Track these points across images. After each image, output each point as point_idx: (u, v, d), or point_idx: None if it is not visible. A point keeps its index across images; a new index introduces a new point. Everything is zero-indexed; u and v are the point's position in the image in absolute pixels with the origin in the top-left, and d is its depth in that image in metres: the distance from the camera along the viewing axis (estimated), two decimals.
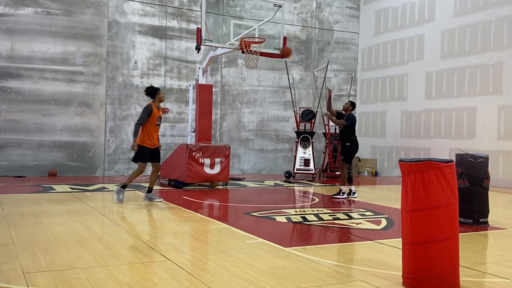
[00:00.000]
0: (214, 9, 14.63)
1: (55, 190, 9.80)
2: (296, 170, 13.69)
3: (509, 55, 12.24)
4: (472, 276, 4.33)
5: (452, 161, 3.96)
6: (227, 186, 11.18)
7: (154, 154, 8.33)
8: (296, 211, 7.90)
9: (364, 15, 17.07)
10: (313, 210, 8.01)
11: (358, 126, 17.19)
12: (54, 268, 4.22)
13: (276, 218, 7.16)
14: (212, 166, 10.73)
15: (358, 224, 6.87)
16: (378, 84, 16.37)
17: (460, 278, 3.97)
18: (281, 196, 10.17)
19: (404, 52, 15.37)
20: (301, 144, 13.86)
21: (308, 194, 10.65)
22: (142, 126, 8.09)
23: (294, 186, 11.98)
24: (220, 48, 11.15)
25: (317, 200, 9.52)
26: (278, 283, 3.94)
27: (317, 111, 14.65)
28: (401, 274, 4.08)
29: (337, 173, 14.18)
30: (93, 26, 13.28)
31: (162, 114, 8.36)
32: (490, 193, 7.06)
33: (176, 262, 4.53)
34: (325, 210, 8.05)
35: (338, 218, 7.25)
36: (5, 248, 4.90)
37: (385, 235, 6.20)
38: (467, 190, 6.76)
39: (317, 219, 7.11)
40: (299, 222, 6.90)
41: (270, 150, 15.72)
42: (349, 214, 7.70)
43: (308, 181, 13.27)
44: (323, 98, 15.55)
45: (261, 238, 5.69)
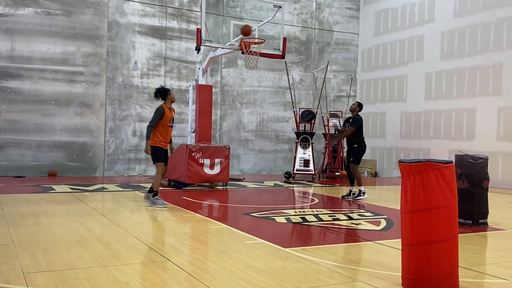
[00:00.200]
0: (214, 9, 14.64)
1: (55, 190, 9.80)
2: (295, 170, 13.70)
3: (508, 56, 12.25)
4: (471, 277, 4.33)
5: (451, 162, 3.96)
6: (227, 187, 11.18)
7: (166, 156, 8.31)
8: (295, 212, 7.90)
9: (364, 16, 17.08)
10: (312, 211, 8.01)
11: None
12: (53, 268, 4.22)
13: (275, 218, 7.16)
14: (212, 166, 10.73)
15: (357, 224, 6.88)
16: (378, 85, 16.38)
17: (459, 279, 3.97)
18: (280, 196, 10.18)
19: (403, 53, 15.38)
20: (300, 144, 13.86)
21: (307, 195, 10.65)
22: (154, 128, 8.01)
23: (293, 187, 11.98)
24: (220, 48, 11.15)
25: (316, 200, 9.53)
26: (278, 284, 3.95)
27: (316, 112, 14.66)
28: (400, 274, 4.09)
29: (336, 173, 14.19)
30: (93, 26, 13.28)
31: (174, 114, 8.33)
32: (489, 194, 7.07)
33: (175, 262, 4.53)
34: (324, 211, 8.05)
35: (338, 219, 7.25)
36: (4, 248, 4.91)
37: (384, 236, 6.20)
38: (467, 191, 6.76)
39: (316, 220, 7.12)
40: (299, 223, 6.90)
41: (270, 151, 15.73)
42: (348, 214, 7.71)
43: (307, 181, 13.28)
44: (323, 99, 15.56)
45: (260, 238, 5.70)
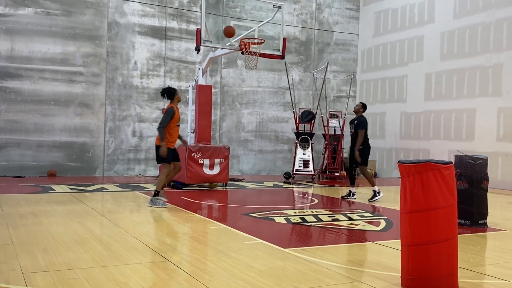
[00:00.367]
0: (214, 10, 14.64)
1: (55, 190, 9.80)
2: (295, 171, 13.70)
3: (508, 57, 12.26)
4: (470, 277, 4.33)
5: (451, 162, 3.96)
6: (227, 187, 11.18)
7: (175, 154, 8.35)
8: (295, 212, 7.90)
9: (363, 17, 17.08)
10: (312, 211, 8.01)
11: None
12: (53, 268, 4.22)
13: (275, 219, 7.17)
14: (211, 167, 10.73)
15: (357, 225, 6.88)
16: (378, 85, 16.39)
17: (458, 280, 3.98)
18: (280, 197, 10.18)
19: (403, 53, 15.39)
20: (300, 145, 13.86)
21: (307, 195, 10.65)
22: (167, 127, 8.08)
23: (293, 187, 11.98)
24: (219, 49, 11.15)
25: (316, 201, 9.53)
26: (277, 284, 3.95)
27: (316, 112, 14.67)
28: (399, 275, 4.09)
29: (336, 174, 14.19)
30: (93, 26, 13.28)
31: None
32: (489, 194, 7.07)
33: (175, 262, 4.53)
34: (324, 211, 8.05)
35: (337, 219, 7.25)
36: (4, 248, 4.91)
37: (384, 236, 6.20)
38: (466, 192, 6.76)
39: (316, 220, 7.12)
40: (298, 223, 6.90)
41: (269, 151, 15.73)
42: (348, 215, 7.71)
43: (307, 182, 13.28)
44: (323, 99, 15.56)
45: (260, 239, 5.70)
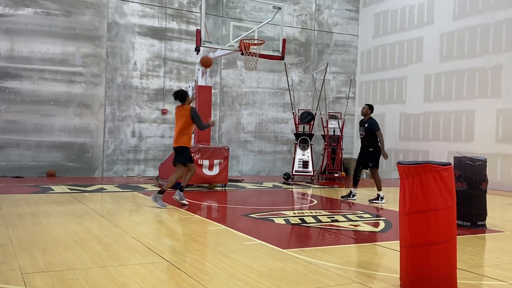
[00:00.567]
0: (214, 10, 14.65)
1: (54, 190, 9.80)
2: (294, 172, 13.70)
3: (507, 58, 12.27)
4: (469, 278, 4.34)
5: (450, 164, 3.97)
6: (226, 188, 11.18)
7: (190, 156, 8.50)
8: (294, 213, 7.91)
9: (363, 18, 17.09)
10: (311, 212, 8.01)
11: (356, 129, 17.24)
12: (52, 268, 4.22)
13: (274, 219, 7.17)
14: (210, 167, 10.73)
15: (356, 226, 6.88)
16: (377, 86, 16.40)
17: (457, 281, 3.98)
18: (279, 197, 10.18)
19: (403, 54, 15.40)
20: (300, 146, 13.87)
21: (306, 196, 10.65)
22: (188, 129, 8.15)
23: (292, 188, 11.99)
24: (219, 49, 11.16)
25: (315, 202, 9.53)
26: (276, 285, 3.95)
27: (316, 113, 14.68)
28: (399, 276, 4.09)
29: (335, 175, 14.20)
30: (92, 27, 13.29)
31: None
32: (488, 196, 7.08)
33: (174, 263, 4.53)
34: (323, 212, 8.06)
35: (337, 220, 7.26)
36: (3, 248, 4.90)
37: (383, 237, 6.21)
38: (465, 193, 6.77)
39: (315, 221, 7.12)
40: (298, 224, 6.90)
41: (269, 152, 15.73)
42: (347, 216, 7.71)
43: (306, 183, 13.28)
44: (322, 100, 15.56)
45: (259, 239, 5.70)
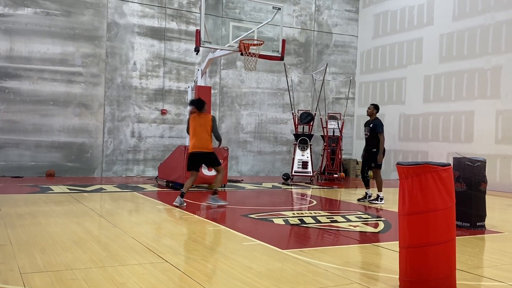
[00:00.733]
0: (213, 11, 14.65)
1: (53, 190, 9.79)
2: (294, 172, 13.70)
3: (507, 59, 12.28)
4: (468, 279, 4.34)
5: (449, 164, 3.97)
6: (225, 188, 11.18)
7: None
8: (293, 213, 7.91)
9: (363, 18, 17.10)
10: (310, 213, 8.01)
11: (356, 129, 17.27)
12: (51, 268, 4.22)
13: (273, 220, 7.17)
14: (210, 168, 10.71)
15: (355, 226, 6.88)
16: (377, 87, 16.40)
17: (457, 282, 3.98)
18: (279, 198, 10.18)
19: (402, 55, 15.41)
20: (299, 146, 13.87)
21: (305, 197, 10.65)
22: (210, 135, 8.37)
23: (292, 189, 11.98)
24: (219, 50, 11.15)
25: (314, 202, 9.53)
26: (275, 285, 3.95)
27: (315, 114, 14.68)
28: (398, 277, 4.09)
29: (335, 175, 14.20)
30: (92, 27, 13.28)
31: None
32: (487, 196, 7.08)
33: (173, 263, 4.53)
34: (322, 213, 8.06)
35: (336, 221, 7.26)
36: (2, 248, 4.90)
37: (382, 238, 6.21)
38: (465, 194, 6.77)
39: (314, 222, 7.12)
40: (297, 224, 6.90)
41: (268, 152, 15.73)
42: (346, 216, 7.71)
43: (306, 183, 13.28)
44: (322, 101, 15.56)
45: (258, 240, 5.70)
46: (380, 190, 9.46)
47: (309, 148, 13.84)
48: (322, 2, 16.64)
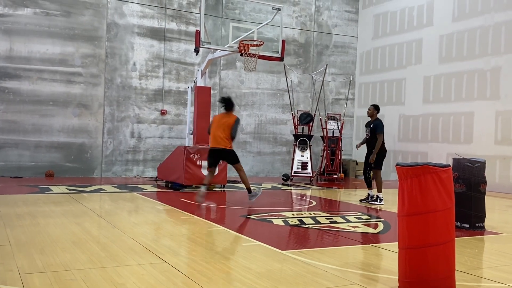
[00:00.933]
0: (213, 11, 14.65)
1: (52, 191, 9.78)
2: (293, 173, 13.70)
3: (506, 60, 12.28)
4: (468, 280, 4.33)
5: (449, 165, 3.97)
6: (225, 189, 11.17)
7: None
8: (293, 214, 7.90)
9: (362, 19, 17.11)
10: (310, 213, 8.01)
11: (356, 130, 17.27)
12: (50, 269, 4.21)
13: (273, 221, 7.16)
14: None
15: (355, 227, 6.88)
16: (376, 88, 16.41)
17: (456, 283, 3.98)
18: (278, 199, 10.17)
19: (402, 56, 15.41)
20: (299, 147, 13.87)
21: (305, 197, 10.65)
22: (229, 134, 8.64)
23: (291, 189, 11.98)
24: (218, 50, 11.16)
25: (314, 203, 9.53)
26: (274, 286, 3.95)
27: (315, 114, 14.68)
28: (397, 278, 4.09)
29: (334, 176, 14.20)
30: (92, 27, 13.28)
31: None
32: (486, 197, 7.08)
33: (172, 264, 4.52)
34: (322, 213, 8.05)
35: (335, 222, 7.25)
36: (1, 249, 4.89)
37: (382, 239, 6.21)
38: (464, 195, 6.77)
39: (314, 222, 7.11)
40: (296, 225, 6.90)
41: (268, 153, 15.73)
42: (346, 217, 7.71)
43: (305, 184, 13.28)
44: (321, 101, 15.56)
45: (258, 241, 5.69)
46: (379, 191, 9.46)
47: (308, 148, 13.84)
48: (322, 3, 16.64)
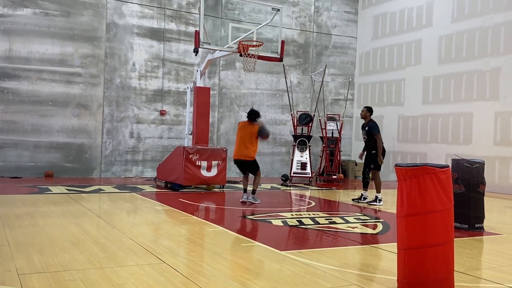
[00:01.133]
0: (213, 12, 14.65)
1: (51, 191, 9.78)
2: (293, 173, 13.70)
3: (506, 61, 12.29)
4: (467, 281, 4.34)
5: (447, 166, 3.97)
6: (224, 189, 11.17)
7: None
8: (292, 215, 7.90)
9: (362, 20, 17.11)
10: (309, 214, 8.01)
11: (355, 131, 17.27)
12: (49, 269, 4.21)
13: (272, 221, 7.16)
14: (209, 168, 10.72)
15: (354, 228, 6.88)
16: (375, 88, 16.41)
17: (455, 283, 3.98)
18: (277, 199, 10.17)
19: (401, 57, 15.42)
20: (298, 147, 13.87)
21: (304, 198, 10.65)
22: (253, 144, 8.89)
23: (290, 190, 11.98)
24: (218, 51, 11.16)
25: (313, 203, 9.53)
26: (273, 287, 3.95)
27: (314, 115, 14.68)
28: (396, 278, 4.09)
29: (333, 177, 14.20)
30: (91, 27, 13.28)
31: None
32: (485, 198, 7.08)
33: (171, 264, 4.52)
34: (321, 214, 8.05)
35: (334, 222, 7.26)
36: (0, 249, 4.89)
37: (380, 240, 6.21)
38: (463, 195, 6.77)
39: (313, 223, 7.11)
40: (295, 226, 6.90)
41: (267, 153, 15.73)
42: (345, 218, 7.71)
43: (304, 184, 13.28)
44: (321, 102, 15.57)
45: (257, 241, 5.70)
46: (378, 191, 9.48)
47: (308, 149, 13.84)
48: (321, 4, 16.65)
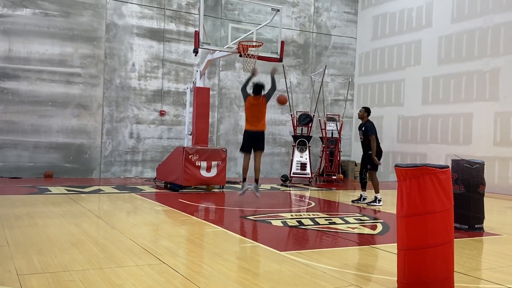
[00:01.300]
0: (213, 12, 14.65)
1: (51, 191, 9.77)
2: (292, 174, 13.70)
3: (505, 62, 12.30)
4: (466, 282, 4.33)
5: (447, 167, 3.97)
6: (224, 189, 11.17)
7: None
8: (292, 215, 7.90)
9: (361, 20, 17.12)
10: (309, 214, 8.01)
11: (355, 131, 17.26)
12: (48, 270, 4.21)
13: (272, 222, 7.16)
14: (208, 169, 10.72)
15: (353, 228, 6.88)
16: (375, 89, 16.41)
17: (454, 284, 3.98)
18: (277, 200, 10.17)
19: (401, 57, 15.42)
20: (298, 148, 13.87)
21: (304, 198, 10.65)
22: (264, 115, 9.29)
23: (290, 190, 11.98)
24: (218, 51, 11.17)
25: (313, 204, 9.53)
26: (273, 287, 3.94)
27: (314, 115, 14.68)
28: (396, 279, 4.09)
29: (333, 177, 14.20)
30: (91, 28, 13.27)
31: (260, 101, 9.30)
32: (485, 199, 7.08)
33: (171, 265, 4.52)
34: (321, 215, 8.05)
35: (334, 223, 7.25)
36: None
37: (380, 240, 6.21)
38: (463, 196, 6.77)
39: (313, 223, 7.11)
40: (295, 226, 6.90)
41: (266, 154, 15.69)
42: (345, 218, 7.71)
43: (304, 185, 13.28)
44: (320, 102, 15.57)
45: (256, 242, 5.69)
46: (377, 191, 9.47)
47: (307, 149, 13.84)
48: (321, 4, 16.65)
